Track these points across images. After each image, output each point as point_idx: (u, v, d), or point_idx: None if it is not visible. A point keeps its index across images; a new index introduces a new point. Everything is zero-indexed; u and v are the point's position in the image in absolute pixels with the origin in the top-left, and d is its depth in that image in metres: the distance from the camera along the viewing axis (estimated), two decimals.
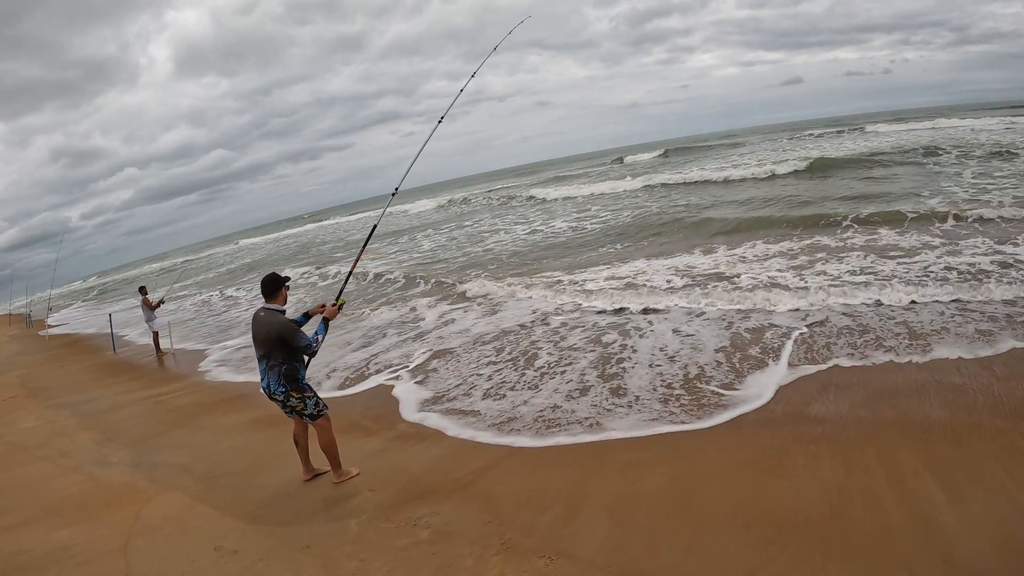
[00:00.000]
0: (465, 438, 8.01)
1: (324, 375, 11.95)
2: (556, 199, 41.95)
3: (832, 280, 11.71)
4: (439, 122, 9.27)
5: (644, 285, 13.80)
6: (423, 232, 38.05)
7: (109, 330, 22.92)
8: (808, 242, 15.53)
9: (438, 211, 56.57)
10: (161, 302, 19.68)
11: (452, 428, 8.37)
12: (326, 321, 7.15)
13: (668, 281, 13.89)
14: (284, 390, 6.89)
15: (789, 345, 9.00)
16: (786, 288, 11.61)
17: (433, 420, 8.76)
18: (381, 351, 13.00)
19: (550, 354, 10.54)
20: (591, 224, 26.52)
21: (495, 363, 10.66)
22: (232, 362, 15.25)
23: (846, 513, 4.98)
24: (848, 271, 12.27)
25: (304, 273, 29.67)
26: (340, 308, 7.36)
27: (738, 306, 11.05)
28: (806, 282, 11.89)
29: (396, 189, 8.75)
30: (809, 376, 7.93)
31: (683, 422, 7.26)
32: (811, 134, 58.31)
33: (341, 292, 7.64)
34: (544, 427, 7.81)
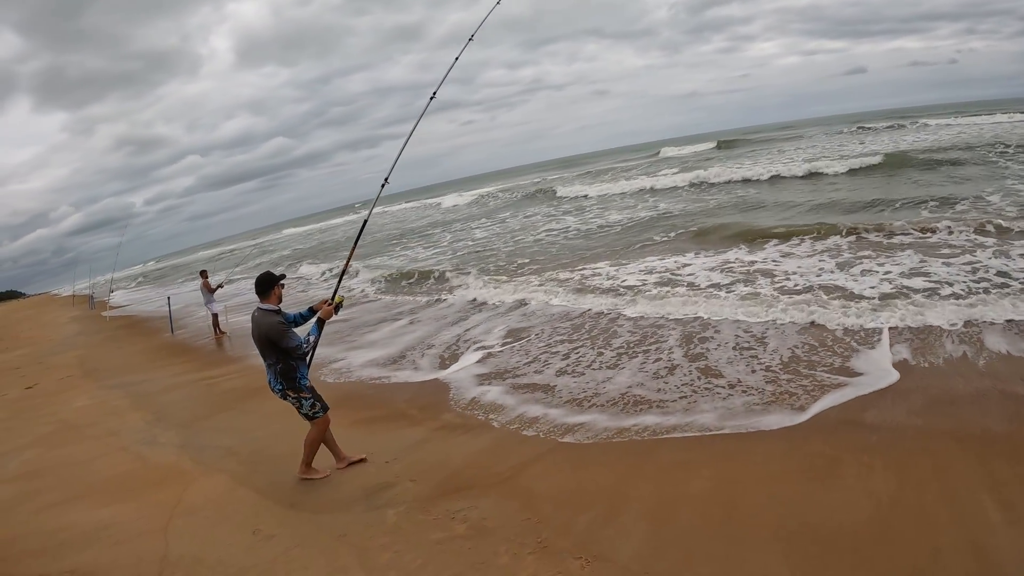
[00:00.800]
0: (516, 426, 7.97)
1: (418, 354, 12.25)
2: (585, 196, 40.54)
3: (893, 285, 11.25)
4: (431, 98, 9.05)
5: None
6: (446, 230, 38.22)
7: (167, 312, 23.33)
8: (862, 240, 14.87)
9: (469, 207, 56.39)
10: (220, 285, 20.23)
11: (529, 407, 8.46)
12: (320, 321, 7.19)
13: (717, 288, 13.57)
14: (281, 388, 6.98)
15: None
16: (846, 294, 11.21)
17: (500, 396, 8.96)
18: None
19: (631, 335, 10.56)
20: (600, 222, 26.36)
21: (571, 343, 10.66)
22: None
23: (895, 531, 4.76)
24: (902, 272, 11.84)
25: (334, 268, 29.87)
26: (337, 308, 7.37)
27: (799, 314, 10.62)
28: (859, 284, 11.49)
29: (386, 180, 8.66)
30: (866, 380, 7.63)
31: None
32: (872, 127, 54.82)
33: (336, 291, 7.60)
34: (626, 406, 7.89)
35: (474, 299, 16.51)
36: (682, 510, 5.42)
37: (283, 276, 7.26)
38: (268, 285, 6.93)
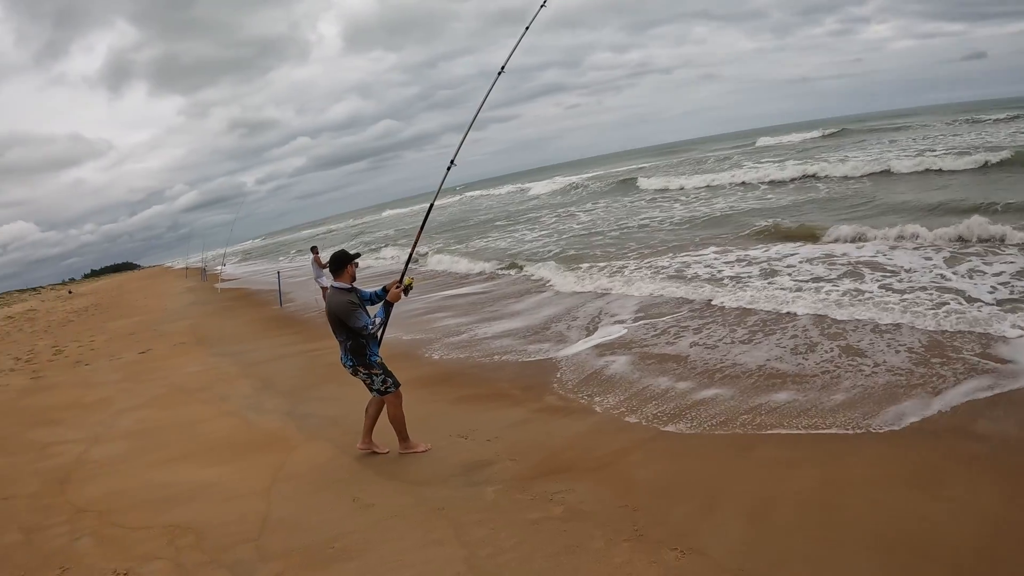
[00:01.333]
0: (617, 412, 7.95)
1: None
2: (665, 189, 39.34)
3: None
4: (500, 72, 9.06)
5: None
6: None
7: (277, 286, 24.03)
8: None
9: (552, 196, 55.90)
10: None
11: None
12: (388, 304, 7.36)
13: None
14: (352, 364, 7.20)
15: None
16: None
17: (607, 383, 8.82)
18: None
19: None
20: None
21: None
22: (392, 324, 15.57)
23: (999, 553, 4.50)
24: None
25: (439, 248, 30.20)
26: (406, 290, 7.44)
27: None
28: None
29: (452, 162, 8.60)
30: (980, 386, 7.25)
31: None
32: (990, 118, 48.80)
33: (404, 274, 7.64)
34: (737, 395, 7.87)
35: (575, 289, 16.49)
36: (781, 509, 5.31)
37: (358, 255, 7.51)
38: (342, 264, 7.14)
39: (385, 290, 7.42)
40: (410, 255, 8.60)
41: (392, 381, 7.31)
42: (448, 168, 8.64)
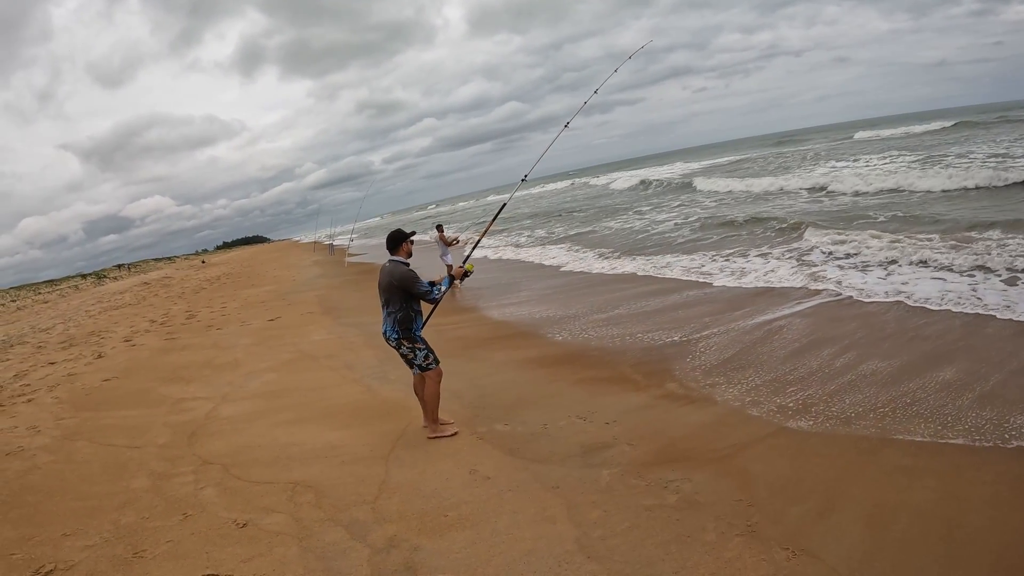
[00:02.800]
0: (739, 405, 7.80)
1: None
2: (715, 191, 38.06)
3: None
4: (594, 92, 10.41)
5: None
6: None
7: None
8: None
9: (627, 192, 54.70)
10: (456, 240, 21.19)
11: None
12: (451, 278, 8.07)
13: None
14: (397, 336, 7.47)
15: None
16: None
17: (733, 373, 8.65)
18: None
19: None
20: None
21: None
22: (517, 303, 16.09)
23: None
24: None
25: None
26: (466, 274, 8.17)
27: None
28: None
29: (525, 176, 9.60)
30: None
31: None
32: None
33: (467, 258, 8.53)
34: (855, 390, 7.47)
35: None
36: (900, 518, 5.18)
37: (413, 233, 7.89)
38: (398, 241, 7.65)
39: (449, 277, 8.14)
40: (477, 242, 9.54)
41: (434, 357, 7.64)
42: (522, 180, 9.70)
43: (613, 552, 4.96)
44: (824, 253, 15.95)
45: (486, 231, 9.34)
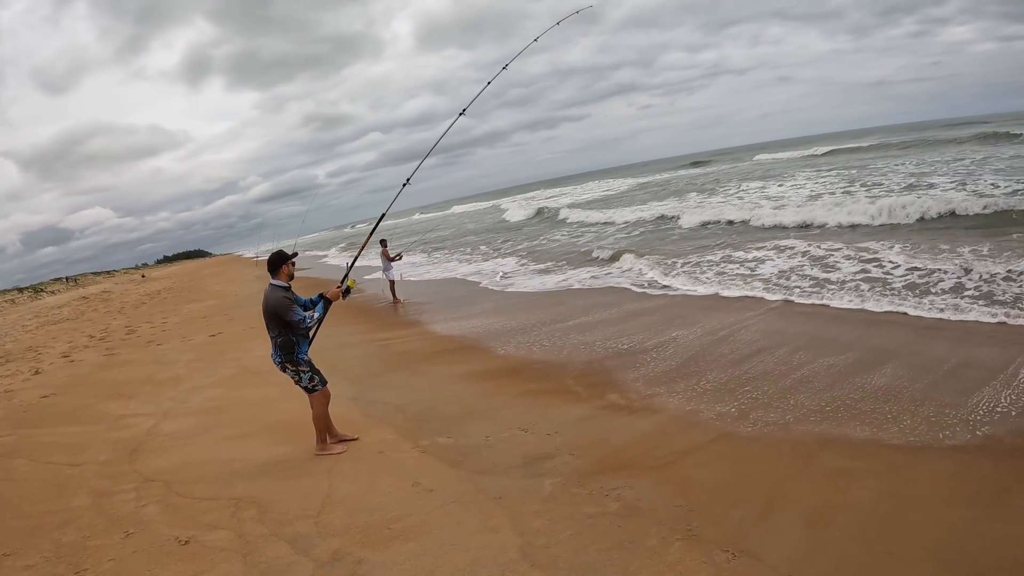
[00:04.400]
0: (679, 413, 7.95)
1: None
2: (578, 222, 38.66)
3: None
4: (460, 114, 10.00)
5: None
6: None
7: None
8: None
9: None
10: (399, 255, 21.21)
11: None
12: (327, 301, 7.71)
13: None
14: (280, 360, 7.40)
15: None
16: None
17: (673, 381, 8.74)
18: None
19: None
20: None
21: None
22: (456, 317, 16.07)
23: None
24: None
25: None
26: (345, 292, 7.92)
27: None
28: None
29: (407, 181, 9.42)
30: None
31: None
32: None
33: (346, 276, 8.11)
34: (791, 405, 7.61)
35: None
36: (839, 518, 5.28)
37: (295, 255, 7.68)
38: (278, 263, 7.44)
39: (321, 296, 7.74)
40: (355, 259, 9.06)
41: (319, 379, 7.55)
42: (403, 185, 9.46)
43: (557, 560, 4.95)
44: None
45: (364, 244, 9.19)
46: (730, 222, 25.76)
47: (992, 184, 23.05)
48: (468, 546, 5.26)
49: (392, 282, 20.52)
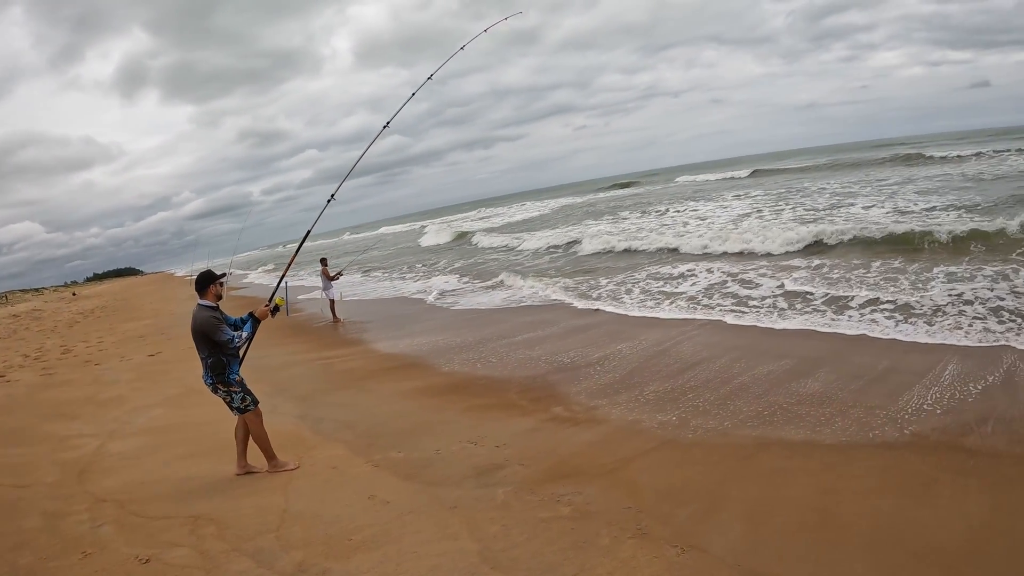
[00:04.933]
0: (623, 423, 8.24)
1: None
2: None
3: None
4: (384, 127, 10.10)
5: None
6: None
7: (284, 296, 24.41)
8: None
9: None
10: (339, 274, 21.33)
11: None
12: (255, 320, 7.59)
13: None
14: (211, 382, 7.31)
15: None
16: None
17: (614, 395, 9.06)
18: None
19: None
20: None
21: None
22: (399, 336, 16.13)
23: (984, 552, 4.83)
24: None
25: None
26: (274, 310, 7.84)
27: None
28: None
29: (332, 196, 9.32)
30: (969, 404, 7.60)
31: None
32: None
33: (274, 294, 8.13)
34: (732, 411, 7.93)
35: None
36: (779, 513, 5.62)
37: (223, 275, 7.63)
38: (206, 283, 7.30)
39: (251, 314, 7.64)
40: (282, 276, 9.05)
41: (251, 399, 7.48)
42: (328, 201, 9.32)
43: (516, 561, 5.12)
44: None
45: (290, 263, 9.20)
46: (626, 250, 26.33)
47: (910, 202, 24.78)
48: (428, 553, 5.38)
49: (332, 301, 20.49)
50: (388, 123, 10.17)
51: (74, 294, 77.94)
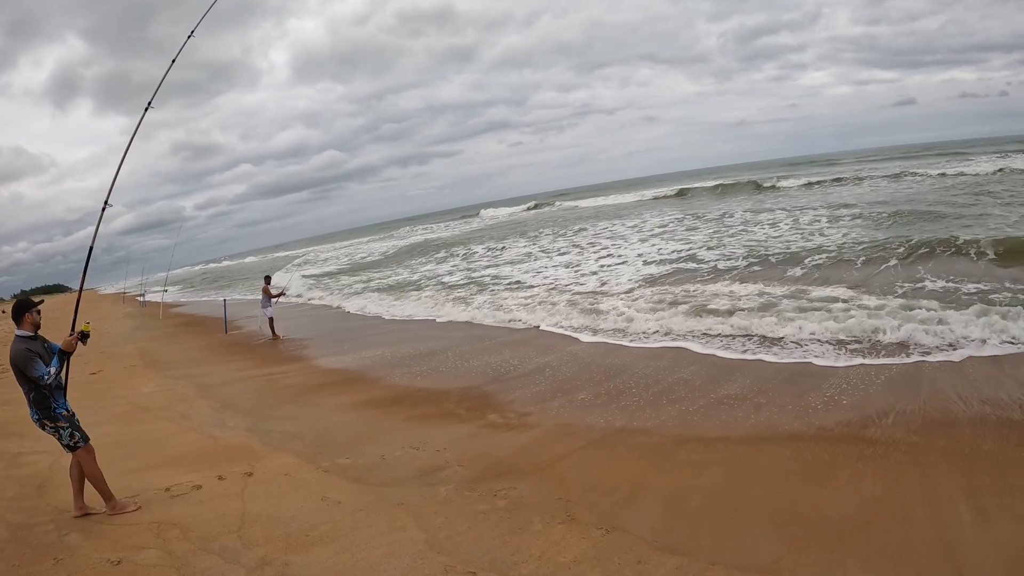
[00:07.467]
0: (552, 427, 8.88)
1: None
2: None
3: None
4: (146, 109, 9.34)
5: None
6: None
7: (223, 313, 24.56)
8: None
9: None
10: (282, 293, 21.72)
11: None
12: (63, 353, 6.94)
13: None
14: (38, 418, 6.82)
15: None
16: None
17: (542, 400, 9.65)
18: None
19: None
20: None
21: None
22: (339, 351, 16.57)
23: (875, 524, 5.54)
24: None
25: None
26: (82, 337, 7.11)
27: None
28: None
29: (106, 202, 8.48)
30: (872, 400, 8.44)
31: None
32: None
33: (74, 322, 7.36)
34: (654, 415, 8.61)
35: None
36: (692, 498, 6.35)
37: (41, 302, 7.02)
38: (21, 311, 6.77)
39: (59, 347, 7.02)
40: (77, 300, 8.09)
41: (80, 435, 6.98)
42: (103, 208, 8.53)
43: (459, 546, 5.71)
44: None
45: (82, 284, 8.58)
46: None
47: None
48: (380, 543, 5.90)
49: (271, 319, 20.65)
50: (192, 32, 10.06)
51: (3, 312, 75.95)
